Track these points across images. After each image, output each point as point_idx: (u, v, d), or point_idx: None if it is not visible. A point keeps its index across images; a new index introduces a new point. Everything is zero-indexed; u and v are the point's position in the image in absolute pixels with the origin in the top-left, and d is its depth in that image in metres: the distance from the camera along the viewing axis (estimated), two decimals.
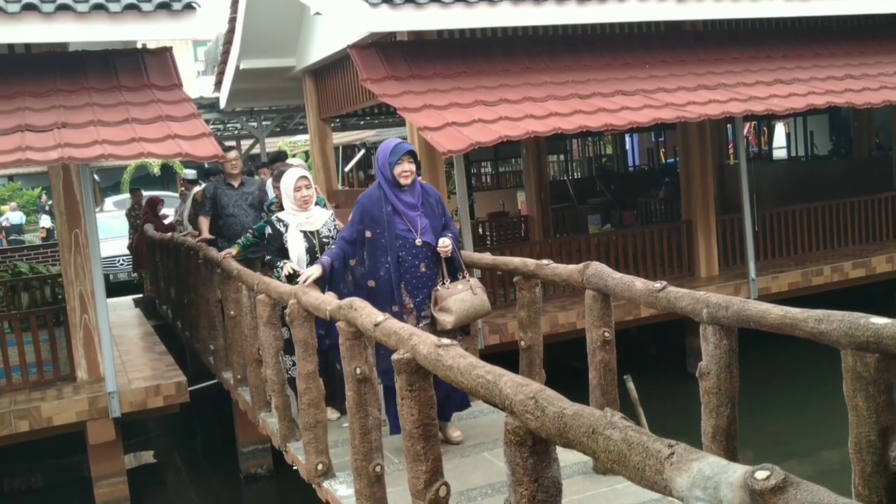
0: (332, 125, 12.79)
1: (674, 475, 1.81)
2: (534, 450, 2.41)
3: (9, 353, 7.38)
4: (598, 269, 4.23)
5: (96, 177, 25.21)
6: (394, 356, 3.31)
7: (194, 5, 7.06)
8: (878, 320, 2.66)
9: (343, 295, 4.61)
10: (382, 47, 8.40)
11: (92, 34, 6.91)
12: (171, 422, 9.65)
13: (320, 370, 5.50)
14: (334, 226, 5.83)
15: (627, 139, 21.98)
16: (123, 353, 8.71)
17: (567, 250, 9.62)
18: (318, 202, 6.04)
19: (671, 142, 19.08)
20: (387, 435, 4.60)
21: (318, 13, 9.07)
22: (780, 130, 21.64)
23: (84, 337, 7.36)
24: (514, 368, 2.93)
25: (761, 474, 1.63)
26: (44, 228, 25.58)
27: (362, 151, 24.24)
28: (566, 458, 3.99)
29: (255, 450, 8.14)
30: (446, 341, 3.04)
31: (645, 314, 8.87)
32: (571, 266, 4.57)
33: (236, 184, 8.07)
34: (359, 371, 3.93)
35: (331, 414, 5.70)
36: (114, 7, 6.85)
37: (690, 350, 9.59)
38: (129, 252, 13.98)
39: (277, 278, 5.60)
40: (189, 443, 10.04)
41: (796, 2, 9.14)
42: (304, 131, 16.58)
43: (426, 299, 4.95)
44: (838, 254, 10.68)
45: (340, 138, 22.15)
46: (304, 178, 5.71)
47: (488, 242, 12.60)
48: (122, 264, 15.93)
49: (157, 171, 29.60)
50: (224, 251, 7.08)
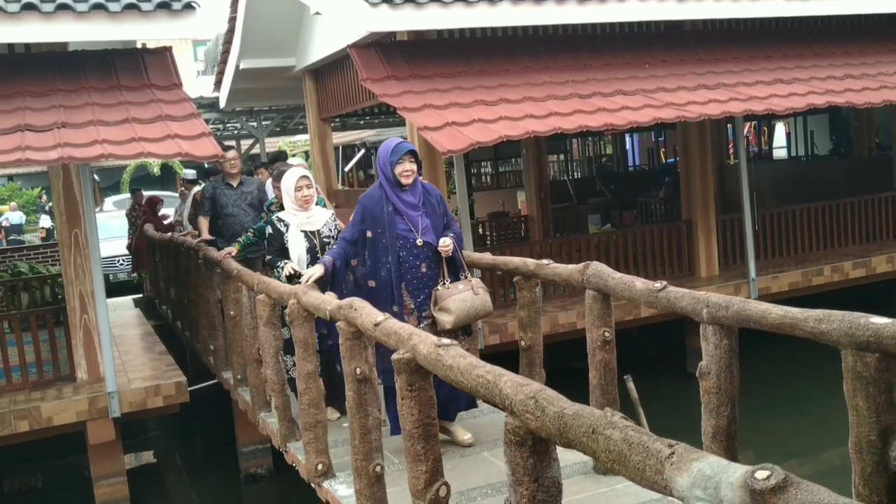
0: (332, 125, 12.79)
1: (674, 475, 1.81)
2: (534, 450, 2.41)
3: (9, 353, 7.38)
4: (598, 268, 4.23)
5: (96, 177, 25.20)
6: (394, 356, 3.30)
7: (194, 5, 7.06)
8: (879, 320, 2.66)
9: (344, 295, 4.59)
10: (382, 47, 8.40)
11: (92, 34, 6.91)
12: (171, 422, 9.65)
13: (321, 370, 5.51)
14: (335, 226, 5.83)
15: (627, 139, 21.97)
16: (123, 353, 8.71)
17: (567, 250, 9.62)
18: (318, 202, 6.04)
19: (671, 141, 19.08)
20: (387, 435, 4.60)
21: (317, 13, 9.07)
22: (780, 130, 21.63)
23: (84, 337, 7.36)
24: (514, 368, 2.92)
25: (762, 474, 1.63)
26: (43, 228, 25.57)
27: (362, 151, 24.24)
28: (566, 458, 3.99)
29: (255, 450, 8.14)
30: (446, 341, 3.03)
31: (645, 314, 8.87)
32: (571, 266, 4.57)
33: (235, 183, 8.07)
34: (359, 371, 3.93)
35: (331, 414, 5.70)
36: (113, 7, 6.85)
37: (690, 350, 9.59)
38: (128, 252, 13.98)
39: (278, 278, 5.60)
40: (189, 443, 10.04)
41: (796, 2, 9.14)
42: (304, 131, 16.58)
43: (427, 300, 4.91)
44: (838, 254, 10.68)
45: (340, 138, 22.14)
46: (305, 177, 5.70)
47: (488, 242, 12.60)
48: (122, 264, 15.92)
49: (156, 170, 29.62)
50: (224, 249, 7.09)
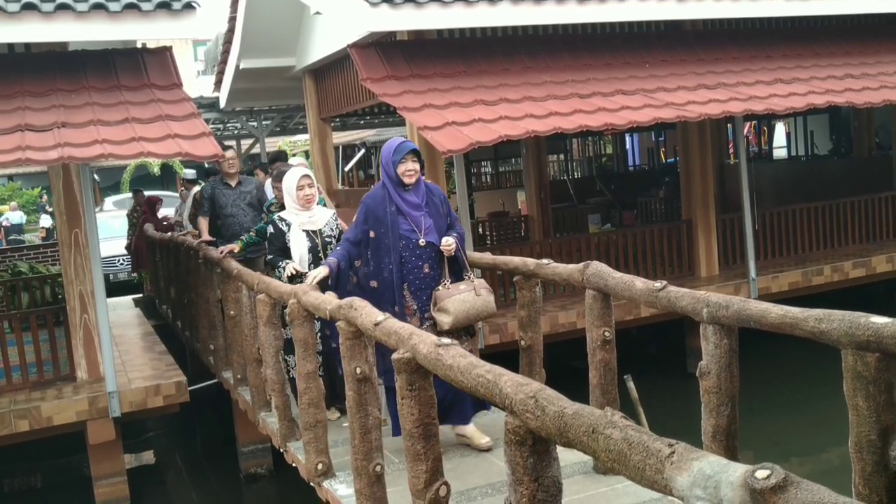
0: (332, 125, 12.79)
1: (674, 474, 1.81)
2: (534, 449, 2.41)
3: (9, 353, 7.38)
4: (598, 268, 4.23)
5: (96, 176, 25.20)
6: (394, 356, 3.30)
7: (194, 5, 7.06)
8: (879, 320, 2.66)
9: (347, 296, 4.58)
10: (382, 47, 8.40)
11: (92, 34, 6.91)
12: (171, 421, 9.65)
13: (322, 370, 5.50)
14: (336, 225, 5.82)
15: (627, 139, 21.97)
16: (123, 353, 8.71)
17: (567, 250, 9.62)
18: (319, 202, 6.04)
19: (671, 141, 19.08)
20: (387, 435, 4.59)
21: (317, 13, 9.07)
22: (780, 130, 21.64)
23: (84, 337, 7.36)
24: (514, 368, 2.92)
25: (762, 473, 1.63)
26: (44, 228, 25.55)
27: (362, 151, 24.24)
28: (566, 457, 3.99)
29: (255, 449, 8.14)
30: (446, 341, 3.03)
31: (645, 314, 8.87)
32: (571, 266, 4.57)
33: (234, 183, 8.06)
34: (359, 371, 3.92)
35: (331, 414, 5.70)
36: (113, 6, 6.85)
37: (690, 350, 9.58)
38: (127, 252, 13.97)
39: (279, 278, 5.60)
40: (189, 443, 10.04)
41: (796, 1, 9.14)
42: (304, 131, 16.58)
43: (430, 300, 4.88)
44: (838, 253, 10.67)
45: (340, 138, 22.14)
46: (307, 176, 5.70)
47: (488, 242, 12.60)
48: (122, 264, 15.91)
49: (156, 170, 29.64)
50: (226, 246, 7.05)
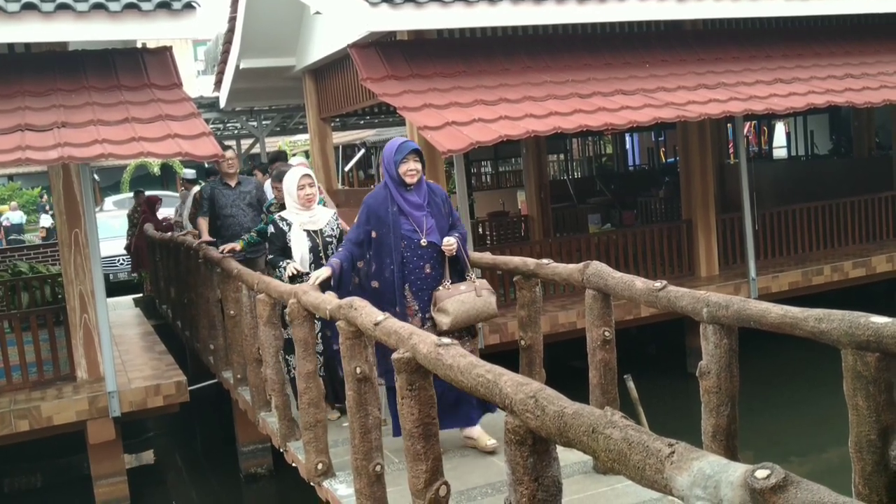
0: (332, 125, 12.79)
1: (674, 474, 1.81)
2: (534, 449, 2.41)
3: (9, 353, 7.38)
4: (598, 268, 4.23)
5: (96, 176, 25.21)
6: (394, 355, 3.30)
7: (194, 5, 7.06)
8: (879, 319, 2.66)
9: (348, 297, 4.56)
10: (382, 47, 8.40)
11: (92, 33, 6.91)
12: (171, 421, 9.65)
13: (322, 371, 5.50)
14: (337, 225, 5.81)
15: (627, 139, 21.97)
16: (123, 353, 8.71)
17: (567, 250, 9.62)
18: (319, 202, 6.03)
19: (671, 141, 19.07)
20: (387, 435, 4.59)
21: (318, 12, 9.07)
22: (780, 130, 21.63)
23: (84, 336, 7.36)
24: (514, 368, 2.92)
25: (762, 473, 1.63)
26: (44, 228, 25.54)
27: (362, 151, 24.26)
28: (566, 457, 3.99)
29: (255, 449, 8.14)
30: (446, 340, 3.03)
31: (645, 313, 8.87)
32: (571, 265, 4.57)
33: (233, 183, 8.05)
34: (359, 371, 3.93)
35: (330, 414, 5.70)
36: (113, 6, 6.85)
37: (690, 349, 9.59)
38: (126, 253, 13.96)
39: (279, 278, 5.59)
40: (189, 442, 10.04)
41: (796, 1, 9.13)
42: (304, 131, 16.59)
43: (431, 301, 4.87)
44: (838, 253, 10.67)
45: (340, 138, 22.15)
46: (308, 176, 5.69)
47: (488, 242, 12.60)
48: (122, 264, 15.91)
49: (156, 170, 29.64)
50: (228, 245, 7.02)
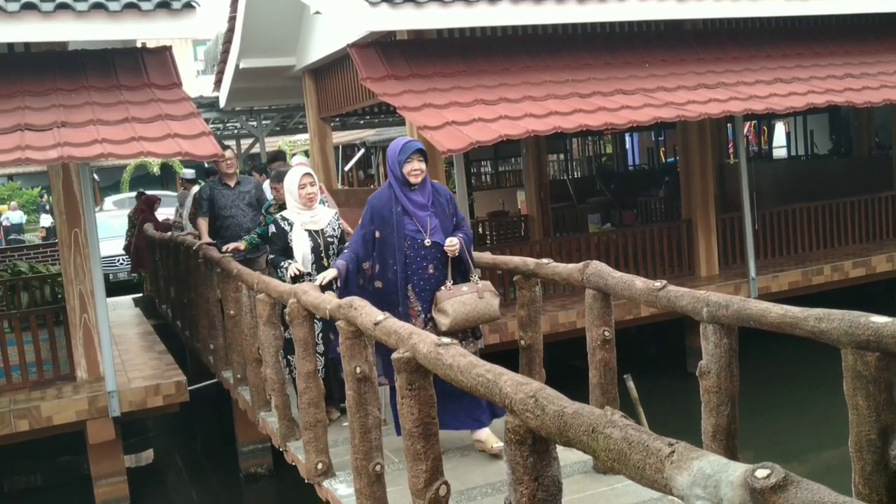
0: (332, 124, 12.79)
1: (674, 474, 1.81)
2: (534, 448, 2.41)
3: (9, 353, 7.38)
4: (598, 268, 4.23)
5: (96, 176, 25.20)
6: (394, 355, 3.30)
7: (194, 4, 7.06)
8: (879, 319, 2.66)
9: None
10: (382, 46, 8.40)
11: (91, 33, 6.91)
12: (171, 421, 9.65)
13: (323, 372, 5.50)
14: (338, 225, 5.80)
15: (627, 138, 21.97)
16: (123, 353, 8.70)
17: (567, 249, 9.61)
18: (320, 201, 6.01)
19: (671, 141, 19.08)
20: (388, 434, 4.58)
21: (317, 12, 9.07)
22: (780, 129, 21.64)
23: (84, 336, 7.35)
24: (514, 367, 2.92)
25: (762, 473, 1.63)
26: (43, 228, 25.53)
27: (362, 151, 24.26)
28: (566, 456, 3.99)
29: (255, 449, 8.13)
30: (446, 340, 3.03)
31: (645, 313, 8.86)
32: (571, 265, 4.57)
33: (232, 183, 8.04)
34: (359, 370, 3.92)
35: (331, 415, 5.68)
36: (113, 6, 6.85)
37: (690, 349, 9.58)
38: (125, 253, 13.94)
39: (281, 278, 5.57)
40: (189, 442, 10.03)
41: (796, 1, 9.13)
42: (304, 130, 16.58)
43: None
44: (838, 253, 10.67)
45: (340, 137, 22.15)
46: (308, 175, 5.68)
47: (488, 242, 12.60)
48: (121, 264, 15.91)
49: (156, 170, 29.65)
50: (232, 244, 7.00)
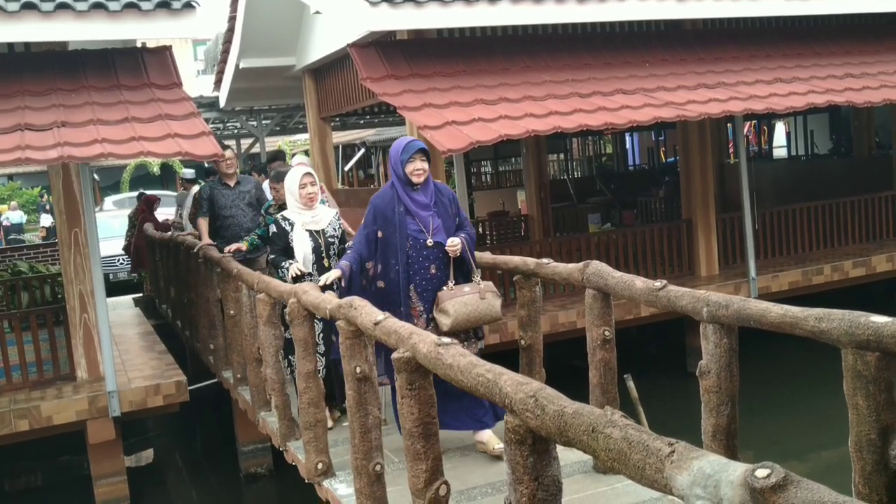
0: (332, 124, 12.78)
1: (674, 473, 1.81)
2: (534, 448, 2.41)
3: (9, 353, 7.38)
4: (598, 267, 4.23)
5: (96, 176, 25.21)
6: (393, 355, 3.30)
7: (194, 4, 7.06)
8: (879, 319, 2.66)
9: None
10: (382, 46, 8.40)
11: (91, 33, 6.91)
12: (171, 421, 9.65)
13: (325, 373, 5.49)
14: (339, 225, 5.80)
15: (627, 138, 21.97)
16: (123, 353, 8.70)
17: (567, 249, 9.61)
18: (321, 201, 6.01)
19: (671, 141, 19.08)
20: (388, 434, 4.58)
21: (317, 12, 9.07)
22: (780, 129, 21.63)
23: (84, 336, 7.35)
24: (514, 367, 2.92)
25: (762, 472, 1.63)
26: (44, 227, 25.53)
27: (362, 150, 24.28)
28: (566, 456, 3.99)
29: (255, 449, 8.13)
30: (446, 340, 3.03)
31: (645, 313, 8.86)
32: (571, 265, 4.56)
33: (232, 183, 8.04)
34: (359, 370, 3.92)
35: (331, 417, 5.63)
36: (113, 6, 6.85)
37: (690, 349, 9.58)
38: (125, 253, 13.93)
39: (282, 279, 5.55)
40: (189, 442, 10.03)
41: (796, 1, 9.13)
42: (304, 130, 16.58)
43: None
44: (838, 253, 10.67)
45: (340, 137, 22.16)
46: (309, 174, 5.67)
47: (488, 241, 12.60)
48: (121, 263, 15.90)
49: (156, 170, 29.65)
50: (234, 245, 6.99)
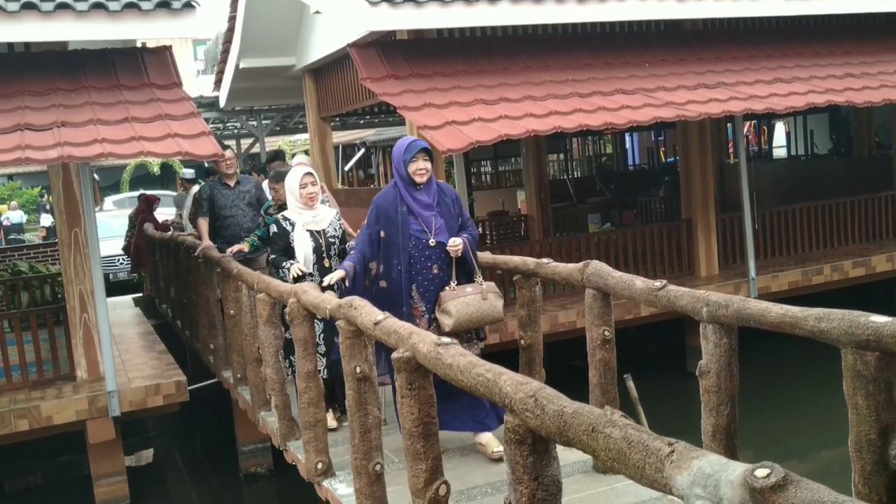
0: (332, 124, 12.78)
1: (674, 473, 1.81)
2: (534, 448, 2.41)
3: (9, 353, 7.38)
4: (597, 267, 4.23)
5: (96, 176, 25.20)
6: (393, 354, 3.30)
7: (194, 4, 7.06)
8: (879, 319, 2.66)
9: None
10: (382, 46, 8.40)
11: (91, 33, 6.91)
12: (171, 421, 9.65)
13: (327, 374, 5.48)
14: (339, 225, 5.79)
15: (627, 138, 21.97)
16: (123, 353, 8.70)
17: (567, 249, 9.61)
18: (322, 201, 6.00)
19: (671, 141, 19.08)
20: (388, 434, 4.58)
21: (317, 12, 9.07)
22: (780, 129, 21.64)
23: (84, 336, 7.35)
24: (513, 367, 2.92)
25: (761, 472, 1.63)
26: (44, 227, 25.52)
27: (362, 150, 24.28)
28: (566, 456, 3.99)
29: (255, 449, 8.13)
30: (446, 340, 3.03)
31: (645, 313, 8.86)
32: (571, 265, 4.56)
33: (232, 183, 8.04)
34: (359, 370, 3.92)
35: (331, 420, 5.60)
36: (113, 6, 6.85)
37: (690, 349, 9.58)
38: (123, 253, 13.92)
39: (282, 279, 5.54)
40: (189, 442, 10.03)
41: (796, 1, 9.13)
42: (304, 130, 16.58)
43: None
44: (838, 253, 10.67)
45: (340, 137, 22.15)
46: (310, 174, 5.67)
47: (488, 241, 12.60)
48: (121, 263, 15.90)
49: (156, 170, 29.65)
50: (236, 246, 6.97)
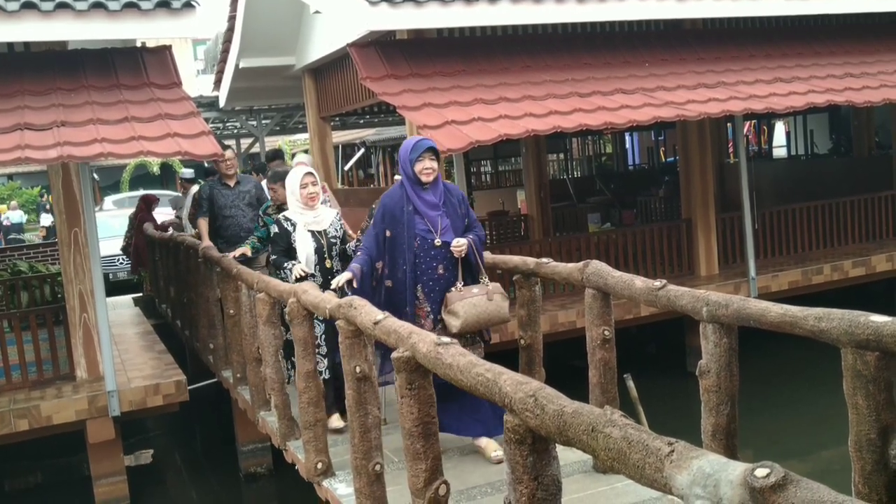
0: (332, 124, 12.78)
1: (674, 473, 1.81)
2: (533, 448, 2.41)
3: (8, 352, 7.37)
4: (597, 267, 4.23)
5: (96, 175, 25.19)
6: (393, 354, 3.30)
7: (194, 4, 7.06)
8: (879, 318, 2.66)
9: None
10: (382, 46, 8.40)
11: (91, 32, 6.91)
12: (171, 421, 9.64)
13: (329, 374, 5.48)
14: (340, 225, 5.79)
15: (627, 138, 21.97)
16: (123, 352, 8.70)
17: (567, 249, 9.61)
18: (323, 200, 6.00)
19: (671, 140, 19.08)
20: (387, 434, 4.58)
21: (317, 11, 9.07)
22: (779, 129, 21.64)
23: (83, 336, 7.35)
24: (513, 367, 2.91)
25: (761, 472, 1.63)
26: (43, 227, 25.51)
27: (362, 150, 24.28)
28: (566, 456, 4.00)
29: (255, 449, 8.13)
30: (446, 339, 3.03)
31: (645, 313, 8.86)
32: (571, 264, 4.56)
33: (232, 183, 8.04)
34: (358, 370, 3.92)
35: (336, 422, 5.56)
36: (113, 5, 6.85)
37: (690, 348, 9.58)
38: (124, 254, 13.91)
39: (283, 279, 5.52)
40: (189, 442, 10.03)
41: (796, 1, 9.13)
42: (304, 130, 16.58)
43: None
44: (838, 252, 10.67)
45: (340, 137, 22.16)
46: (310, 174, 5.66)
47: (488, 241, 12.58)
48: (121, 263, 15.89)
49: (156, 169, 29.67)
50: (238, 249, 6.96)
